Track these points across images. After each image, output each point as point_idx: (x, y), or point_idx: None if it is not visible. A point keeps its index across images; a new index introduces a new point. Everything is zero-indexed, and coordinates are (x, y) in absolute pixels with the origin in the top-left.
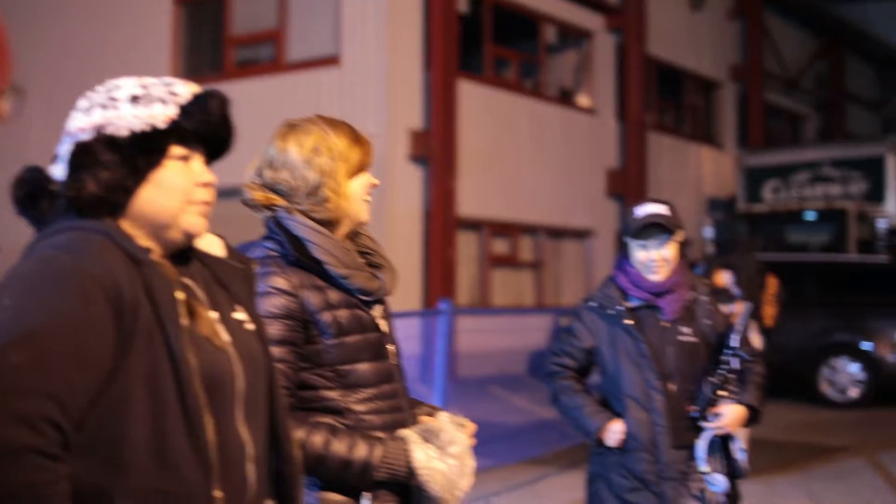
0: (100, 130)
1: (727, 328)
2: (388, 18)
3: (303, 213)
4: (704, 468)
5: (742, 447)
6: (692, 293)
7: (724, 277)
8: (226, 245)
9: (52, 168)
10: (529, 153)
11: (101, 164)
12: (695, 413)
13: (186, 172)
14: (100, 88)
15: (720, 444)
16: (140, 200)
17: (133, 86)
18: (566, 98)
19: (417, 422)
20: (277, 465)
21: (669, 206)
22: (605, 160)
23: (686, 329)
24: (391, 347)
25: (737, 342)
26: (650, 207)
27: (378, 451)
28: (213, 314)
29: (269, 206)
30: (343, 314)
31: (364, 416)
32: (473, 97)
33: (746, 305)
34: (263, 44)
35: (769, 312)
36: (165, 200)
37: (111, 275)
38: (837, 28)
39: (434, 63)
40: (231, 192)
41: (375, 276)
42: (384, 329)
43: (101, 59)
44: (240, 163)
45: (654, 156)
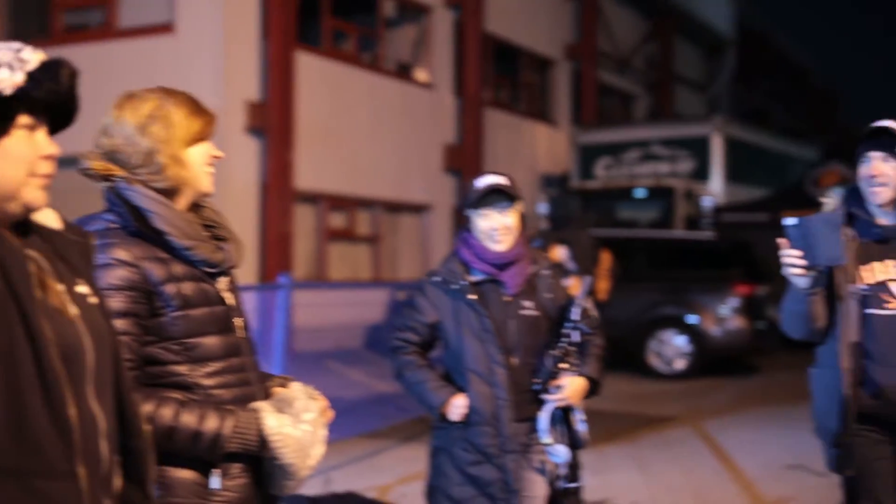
0: None
1: (567, 301)
2: None
3: (142, 184)
4: (547, 440)
5: (583, 418)
6: (534, 267)
7: (559, 252)
8: (61, 218)
9: None
10: (367, 127)
11: None
12: (537, 386)
13: (31, 143)
14: None
15: (561, 416)
16: None
17: None
18: (404, 72)
19: (269, 395)
20: (125, 441)
21: (508, 178)
22: (443, 135)
23: (528, 303)
24: (238, 321)
25: (578, 315)
26: (490, 178)
27: (229, 422)
28: (61, 287)
29: (108, 177)
30: (187, 287)
31: (213, 391)
32: (311, 69)
33: (586, 278)
34: (94, 8)
35: (602, 287)
36: (9, 171)
37: None
38: (667, 11)
39: (272, 34)
40: (62, 163)
41: (220, 248)
42: (230, 302)
43: None
44: (67, 131)
45: (491, 132)
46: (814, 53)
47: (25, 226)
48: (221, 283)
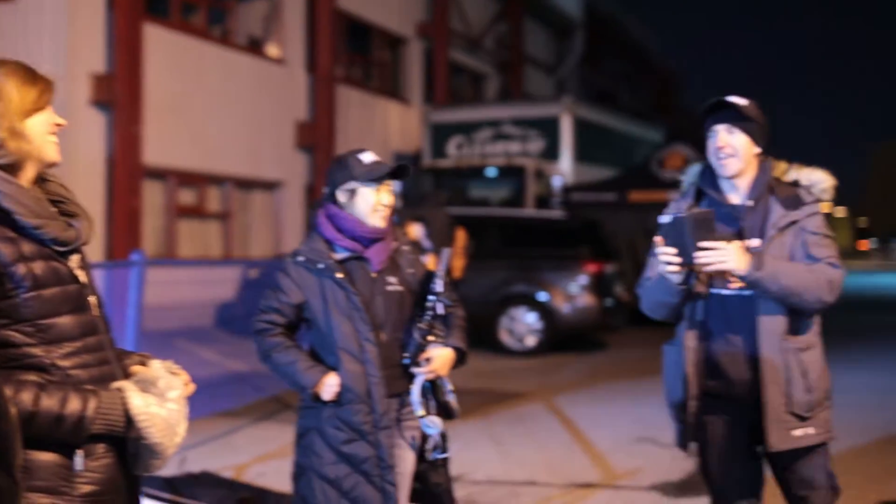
0: None
1: (427, 276)
2: None
3: None
4: (420, 412)
5: (451, 389)
6: (396, 243)
7: (415, 230)
8: None
9: None
10: (218, 102)
11: None
12: (406, 360)
13: None
14: None
15: (430, 388)
16: None
17: None
18: (256, 47)
19: (128, 374)
20: None
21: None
22: (295, 112)
23: (392, 279)
24: (92, 299)
25: (441, 287)
26: (370, 154)
27: (92, 404)
28: None
29: None
30: (38, 266)
31: (70, 371)
32: (160, 42)
33: (445, 251)
34: None
35: (457, 264)
36: None
37: None
38: None
39: (118, 5)
40: None
41: (70, 225)
42: (83, 280)
43: None
44: None
45: (343, 109)
46: (659, 37)
47: None
48: (73, 261)
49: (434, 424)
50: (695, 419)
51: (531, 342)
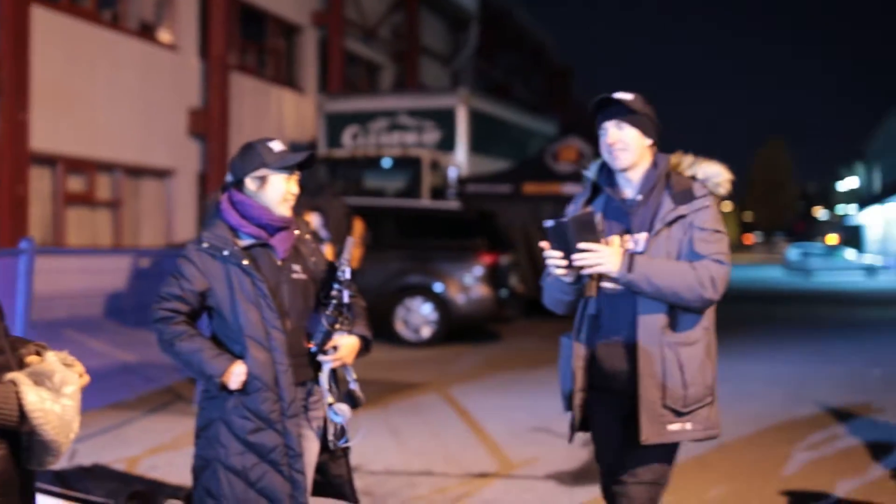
0: None
1: (331, 265)
2: None
3: None
4: (329, 400)
5: (355, 377)
6: (298, 232)
7: (313, 220)
8: None
9: None
10: (108, 88)
11: None
12: (313, 348)
13: None
14: None
15: (335, 376)
16: None
17: None
18: (147, 32)
19: (23, 364)
20: None
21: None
22: (187, 99)
23: (297, 267)
24: None
25: (347, 275)
26: (280, 143)
27: None
28: None
29: None
30: None
31: None
32: (47, 25)
33: (349, 240)
34: None
35: (355, 255)
36: None
37: None
38: None
39: None
40: None
41: None
42: None
43: None
44: None
45: (237, 97)
46: (553, 31)
47: None
48: None
49: (342, 412)
50: (581, 411)
51: (427, 333)
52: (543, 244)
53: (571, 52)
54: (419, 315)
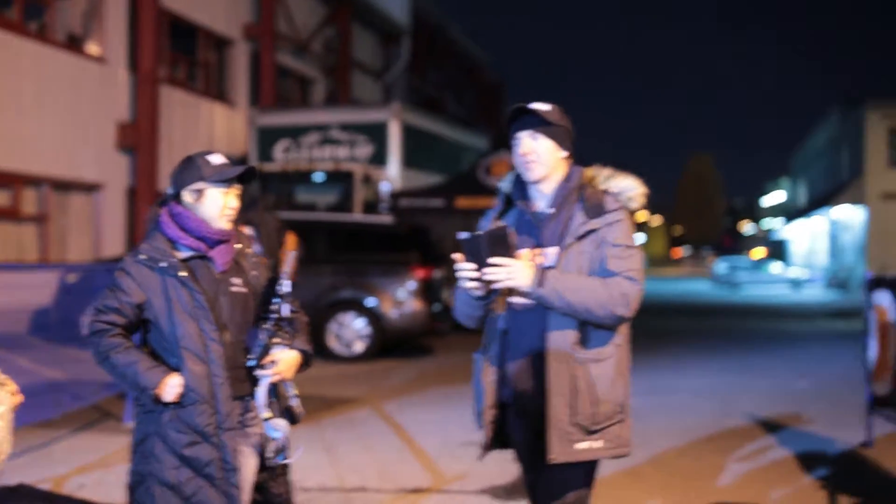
0: None
1: (272, 279)
2: None
3: None
4: (266, 415)
5: (295, 393)
6: (239, 245)
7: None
8: None
9: None
10: (33, 100)
11: None
12: (251, 362)
13: None
14: None
15: (273, 391)
16: None
17: None
18: (75, 44)
19: None
20: None
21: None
22: (116, 112)
23: (237, 280)
24: None
25: (289, 288)
26: (220, 156)
27: None
28: None
29: None
30: None
31: None
32: None
33: (291, 254)
34: None
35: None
36: None
37: None
38: None
39: None
40: None
41: None
42: None
43: None
44: None
45: (167, 110)
46: (484, 46)
47: None
48: None
49: (279, 428)
50: (491, 428)
51: (359, 348)
52: (457, 256)
53: (504, 68)
54: (352, 330)
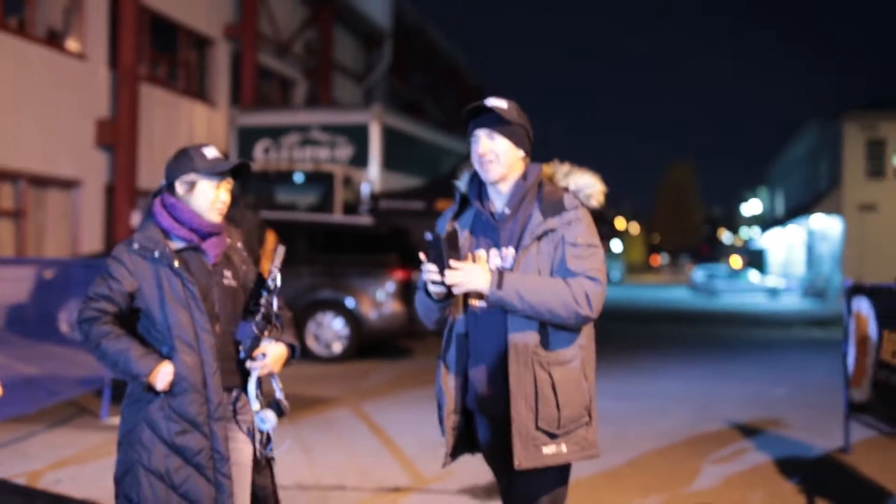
0: None
1: (259, 275)
2: None
3: None
4: (256, 406)
5: (280, 386)
6: (230, 240)
7: None
8: None
9: None
10: (12, 96)
11: None
12: (241, 354)
13: None
14: None
15: (260, 384)
16: None
17: None
18: (55, 40)
19: None
20: None
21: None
22: (95, 109)
23: (228, 273)
24: None
25: (279, 283)
26: (214, 150)
27: None
28: None
29: None
30: None
31: None
32: None
33: (280, 248)
34: None
35: (267, 267)
36: None
37: None
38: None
39: None
40: None
41: None
42: None
43: None
44: None
45: (147, 108)
46: (465, 50)
47: None
48: None
49: (268, 419)
50: (454, 434)
51: (338, 348)
52: (422, 255)
53: (484, 72)
54: (330, 330)
